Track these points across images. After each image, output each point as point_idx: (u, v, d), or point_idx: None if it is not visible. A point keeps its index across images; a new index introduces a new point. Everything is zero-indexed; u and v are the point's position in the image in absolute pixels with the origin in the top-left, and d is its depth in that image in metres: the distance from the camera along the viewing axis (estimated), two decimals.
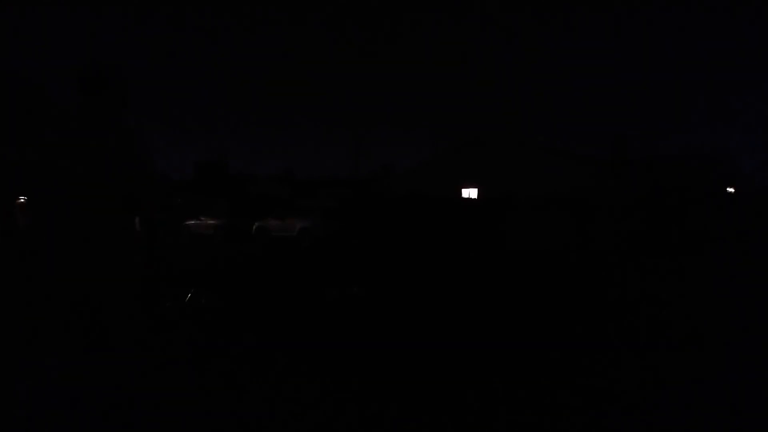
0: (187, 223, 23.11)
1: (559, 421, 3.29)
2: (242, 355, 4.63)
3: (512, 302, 7.38)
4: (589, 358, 4.68)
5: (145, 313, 6.26)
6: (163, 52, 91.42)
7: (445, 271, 11.21)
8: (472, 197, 22.85)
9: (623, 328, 5.90)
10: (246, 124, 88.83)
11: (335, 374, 4.11)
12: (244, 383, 3.90)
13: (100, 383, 3.56)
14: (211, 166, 46.15)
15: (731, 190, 23.79)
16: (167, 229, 23.40)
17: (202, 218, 22.98)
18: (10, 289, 3.18)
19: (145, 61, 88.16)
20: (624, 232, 17.78)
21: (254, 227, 21.53)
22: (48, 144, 2.85)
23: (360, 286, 8.20)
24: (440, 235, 17.51)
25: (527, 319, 6.22)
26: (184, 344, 4.93)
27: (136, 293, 3.09)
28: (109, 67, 2.95)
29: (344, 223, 19.50)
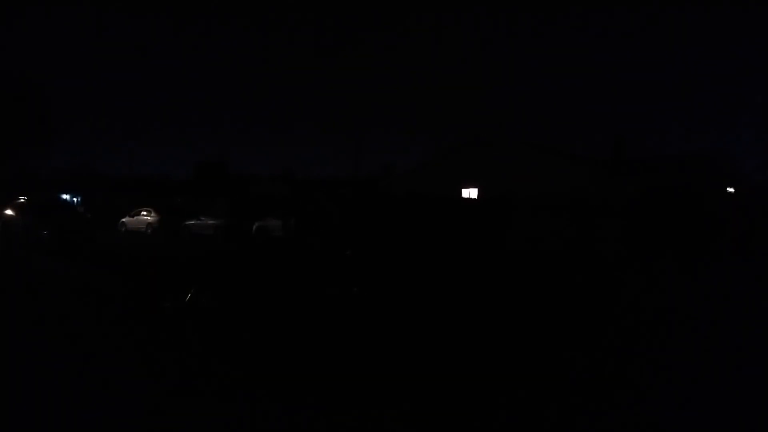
0: (187, 223, 23.07)
1: (558, 419, 3.29)
2: (240, 356, 4.62)
3: (511, 303, 7.37)
4: (586, 359, 4.67)
5: (146, 313, 6.25)
6: (163, 51, 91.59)
7: (446, 271, 11.19)
8: (472, 197, 22.81)
9: (623, 329, 5.88)
10: (246, 124, 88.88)
11: (334, 378, 4.10)
12: (241, 385, 3.89)
13: (98, 387, 3.53)
14: (211, 166, 46.13)
15: (731, 190, 23.74)
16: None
17: (202, 218, 22.94)
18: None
19: (145, 60, 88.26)
20: (624, 232, 17.73)
21: (254, 227, 21.48)
22: None
23: (360, 286, 8.18)
24: (440, 235, 17.48)
25: (525, 320, 6.21)
26: (182, 345, 4.92)
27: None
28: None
29: (345, 223, 19.44)
